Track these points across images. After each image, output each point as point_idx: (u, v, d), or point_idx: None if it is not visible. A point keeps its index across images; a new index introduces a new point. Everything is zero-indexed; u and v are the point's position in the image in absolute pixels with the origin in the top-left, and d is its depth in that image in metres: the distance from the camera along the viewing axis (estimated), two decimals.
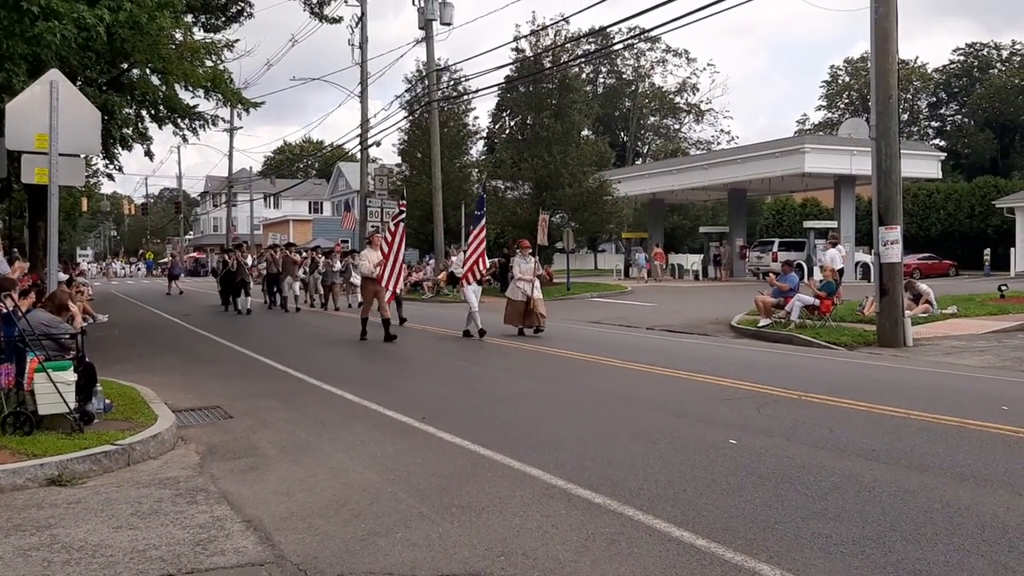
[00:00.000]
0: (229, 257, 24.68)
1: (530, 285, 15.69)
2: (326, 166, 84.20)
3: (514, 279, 15.98)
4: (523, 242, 16.92)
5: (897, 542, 4.38)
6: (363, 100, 34.65)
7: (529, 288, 15.68)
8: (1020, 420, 7.47)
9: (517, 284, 15.84)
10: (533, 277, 15.89)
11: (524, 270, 15.97)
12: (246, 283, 23.46)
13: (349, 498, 5.44)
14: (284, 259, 24.42)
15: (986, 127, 69.24)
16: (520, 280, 15.82)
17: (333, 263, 24.85)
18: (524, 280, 15.77)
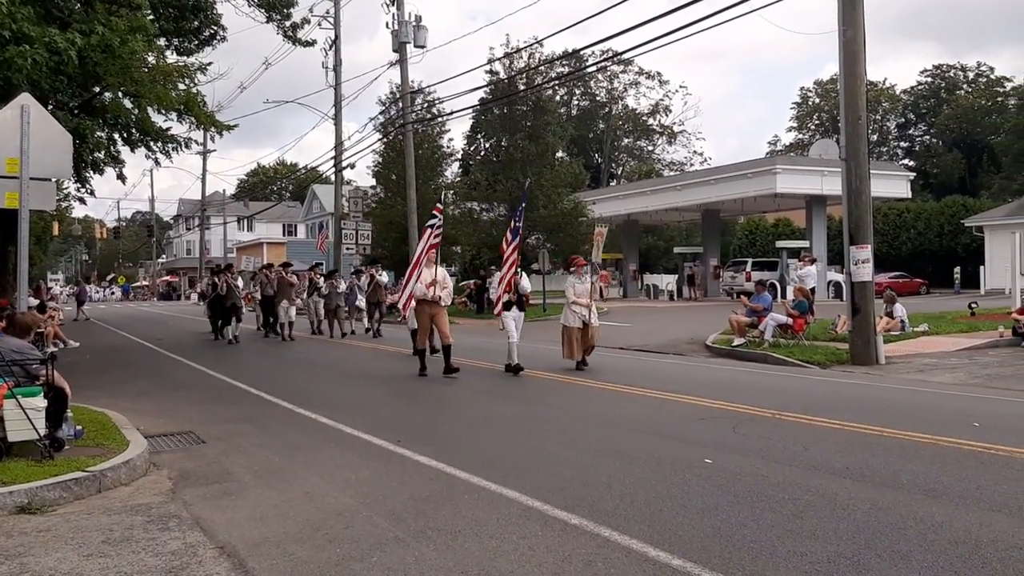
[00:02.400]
0: (218, 279, 22.10)
1: (588, 310, 13.61)
2: (300, 188, 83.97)
3: (568, 303, 13.80)
4: (577, 259, 14.68)
5: (871, 559, 4.41)
6: (337, 122, 34.66)
7: (587, 314, 13.58)
8: (991, 437, 7.56)
9: (572, 309, 13.66)
10: (590, 300, 13.84)
11: (580, 292, 13.76)
12: (237, 308, 21.38)
13: (323, 523, 5.40)
14: (280, 280, 22.00)
15: (954, 147, 70.37)
16: (575, 304, 13.65)
17: (337, 284, 22.90)
18: (580, 304, 13.63)
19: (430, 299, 13.03)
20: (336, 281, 22.88)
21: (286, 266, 22.97)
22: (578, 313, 13.58)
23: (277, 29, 20.39)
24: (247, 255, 72.52)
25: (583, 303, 13.61)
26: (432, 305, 13.05)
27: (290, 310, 21.61)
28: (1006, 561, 4.35)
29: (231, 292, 21.29)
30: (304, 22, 20.76)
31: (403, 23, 30.18)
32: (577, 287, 13.80)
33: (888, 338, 16.26)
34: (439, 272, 13.28)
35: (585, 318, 13.55)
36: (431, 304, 13.07)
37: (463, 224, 35.29)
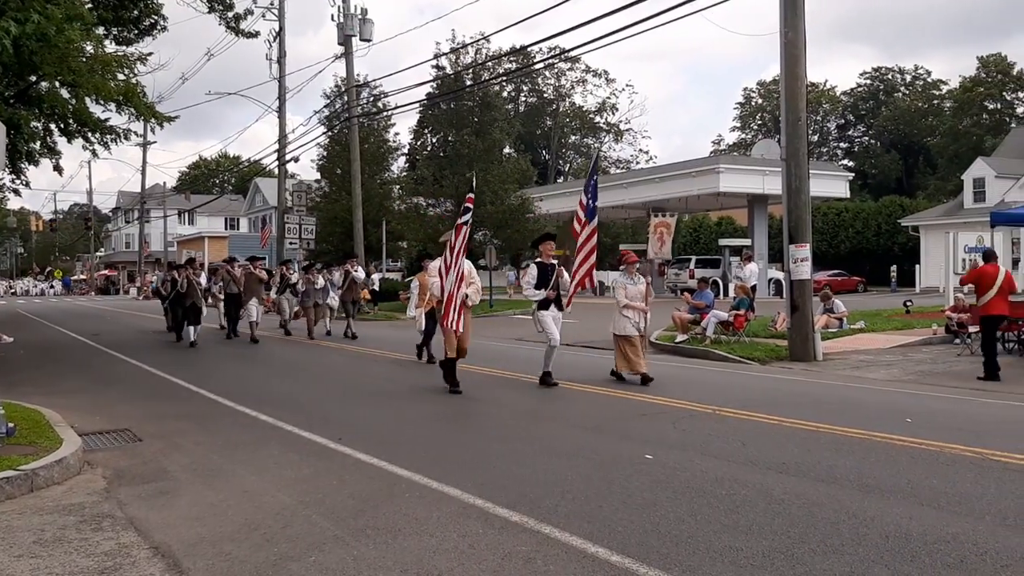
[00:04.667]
0: (178, 274, 19.62)
1: (643, 317, 11.75)
2: (243, 182, 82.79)
3: (618, 308, 11.78)
4: (629, 255, 12.42)
5: (805, 554, 4.49)
6: (281, 115, 34.22)
7: (642, 321, 11.71)
8: (923, 432, 7.76)
9: (624, 314, 11.67)
10: (645, 305, 11.84)
11: (632, 294, 11.74)
12: (198, 308, 18.98)
13: (261, 522, 5.33)
14: (248, 277, 20.03)
15: (892, 148, 72.05)
16: (628, 308, 11.70)
17: (315, 280, 20.58)
18: (634, 308, 11.70)
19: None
20: (314, 277, 20.71)
21: (254, 260, 20.93)
22: (630, 319, 11.63)
23: (219, 20, 20.10)
24: (188, 249, 71.30)
25: (637, 307, 11.68)
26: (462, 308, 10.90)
27: (259, 309, 19.85)
28: (934, 554, 4.47)
29: (192, 289, 18.99)
30: (247, 13, 20.54)
31: (349, 16, 29.94)
32: (629, 289, 11.76)
33: (826, 335, 16.60)
34: (465, 266, 11.02)
35: (640, 326, 11.62)
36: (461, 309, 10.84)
37: (410, 220, 35.14)
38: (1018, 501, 5.45)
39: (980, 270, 12.66)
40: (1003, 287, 12.20)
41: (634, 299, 11.68)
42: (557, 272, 11.34)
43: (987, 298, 12.22)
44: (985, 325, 12.50)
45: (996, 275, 12.25)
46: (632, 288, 11.74)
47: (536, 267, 11.32)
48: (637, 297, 11.71)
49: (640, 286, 11.80)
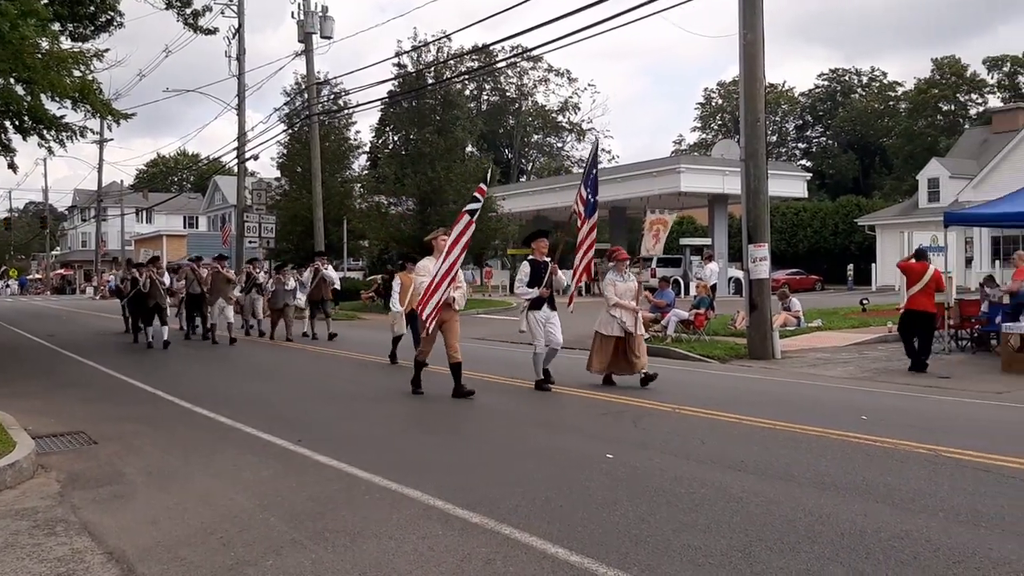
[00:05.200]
0: (140, 273, 18.46)
1: (632, 316, 11.07)
2: (202, 180, 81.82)
3: (607, 306, 11.16)
4: (620, 252, 11.76)
5: (762, 552, 4.54)
6: (240, 113, 33.85)
7: (631, 320, 11.01)
8: (878, 430, 7.88)
9: (612, 313, 11.06)
10: (635, 304, 11.28)
11: (622, 291, 11.14)
12: (161, 308, 18.00)
13: (218, 526, 5.26)
14: (215, 276, 19.05)
15: (849, 149, 73.14)
16: (616, 307, 11.07)
17: (285, 280, 19.78)
18: (623, 307, 11.07)
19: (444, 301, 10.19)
20: (284, 277, 19.91)
21: (221, 260, 20.00)
22: (618, 318, 10.99)
23: (177, 16, 19.79)
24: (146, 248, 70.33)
25: (627, 305, 11.07)
26: (445, 309, 10.22)
27: (227, 310, 18.92)
28: (888, 551, 4.53)
29: (155, 289, 17.93)
30: (206, 9, 20.24)
31: (309, 13, 29.68)
32: (619, 286, 11.14)
33: (784, 333, 16.80)
34: None
35: (627, 326, 10.98)
36: (442, 308, 10.18)
37: (371, 218, 34.94)
38: (970, 498, 5.55)
39: (909, 265, 13.33)
40: (929, 284, 12.79)
41: (624, 297, 11.11)
42: (551, 270, 10.87)
43: (912, 292, 12.88)
44: (904, 318, 13.17)
45: (923, 272, 12.88)
46: (622, 285, 11.19)
47: (529, 265, 10.90)
48: (627, 295, 11.16)
49: (631, 284, 11.28)
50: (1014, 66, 67.96)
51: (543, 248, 11.10)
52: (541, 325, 10.78)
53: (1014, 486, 5.83)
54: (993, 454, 6.74)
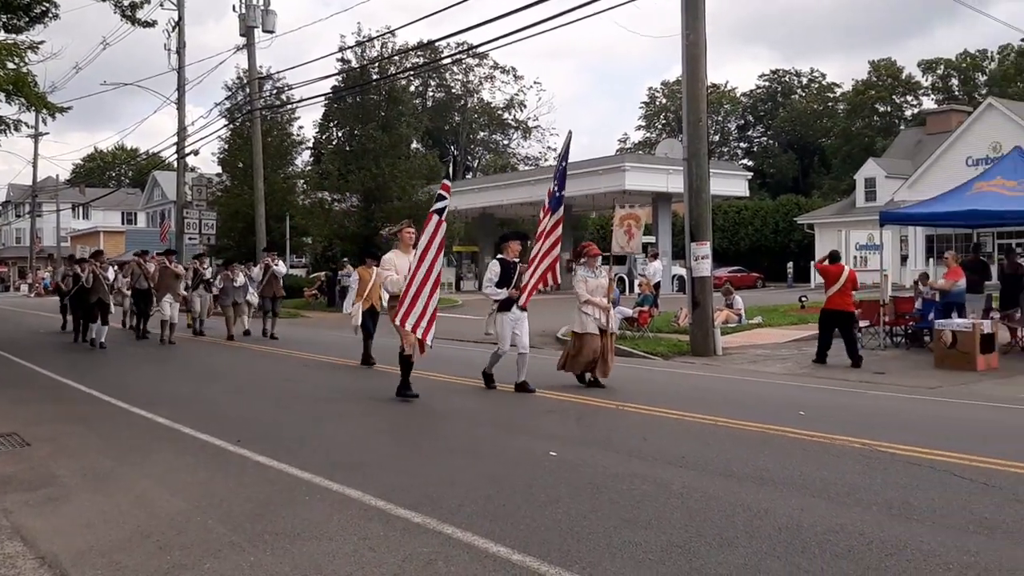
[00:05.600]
0: (83, 269, 17.56)
1: (605, 314, 10.83)
2: (141, 175, 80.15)
3: (579, 304, 10.81)
4: (591, 248, 11.43)
5: (701, 548, 4.58)
6: (180, 107, 33.21)
7: (604, 317, 10.78)
8: (815, 425, 8.02)
9: (585, 310, 10.73)
10: (607, 302, 10.94)
11: (593, 288, 10.84)
12: (105, 305, 17.27)
13: (155, 529, 5.15)
14: (162, 271, 18.27)
15: (789, 148, 74.45)
16: (589, 304, 10.74)
17: (235, 276, 19.11)
18: (594, 304, 10.74)
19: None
20: (233, 273, 19.21)
21: (169, 254, 19.19)
22: (594, 317, 10.70)
23: (114, 8, 19.36)
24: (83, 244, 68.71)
25: (599, 303, 10.76)
26: None
27: (174, 307, 18.14)
28: (824, 545, 4.61)
29: (98, 285, 17.18)
30: (144, 2, 19.75)
31: (251, 7, 29.27)
32: (590, 282, 10.85)
33: (725, 330, 17.04)
34: None
35: (602, 323, 10.73)
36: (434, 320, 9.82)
37: (314, 215, 34.58)
38: (902, 491, 5.68)
39: (825, 267, 13.99)
40: (846, 285, 13.45)
41: (595, 294, 10.78)
42: (520, 271, 10.63)
43: (831, 292, 13.53)
44: (824, 317, 13.77)
45: (839, 274, 13.56)
46: (593, 282, 10.86)
47: (499, 264, 10.53)
48: (599, 292, 10.83)
49: (602, 280, 10.97)
50: (947, 69, 69.93)
51: (516, 249, 10.73)
52: (509, 327, 10.39)
53: (944, 480, 5.98)
54: (925, 448, 6.91)
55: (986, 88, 63.56)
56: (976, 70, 68.94)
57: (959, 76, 69.89)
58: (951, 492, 5.65)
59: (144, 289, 18.96)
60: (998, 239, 35.90)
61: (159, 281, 18.35)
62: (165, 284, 18.18)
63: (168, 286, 18.14)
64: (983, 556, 4.40)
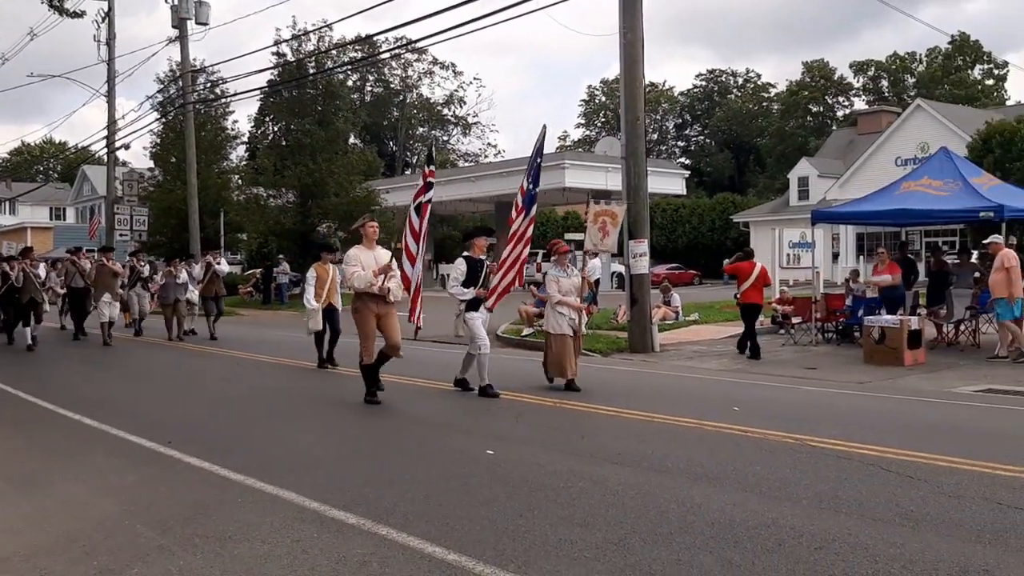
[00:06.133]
0: (12, 267, 16.49)
1: (579, 314, 10.55)
2: (70, 169, 77.94)
3: (551, 304, 10.55)
4: (560, 245, 11.01)
5: (636, 544, 4.62)
6: (110, 100, 32.41)
7: (578, 318, 10.52)
8: (748, 420, 8.15)
9: (559, 311, 10.41)
10: (579, 302, 10.61)
11: (566, 288, 10.46)
12: (38, 304, 16.56)
13: (81, 533, 5.01)
14: (99, 269, 17.55)
15: (725, 147, 75.66)
16: (561, 304, 10.40)
17: (177, 273, 18.07)
18: (567, 304, 10.39)
19: (377, 292, 9.39)
20: (176, 270, 18.22)
21: (107, 251, 18.51)
22: (567, 316, 10.37)
23: None
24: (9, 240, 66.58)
25: (571, 303, 10.42)
26: (379, 302, 9.45)
27: (113, 306, 17.41)
28: (755, 539, 4.68)
29: (29, 283, 16.34)
30: None
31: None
32: (563, 282, 10.47)
33: (663, 327, 17.22)
34: (385, 256, 9.78)
35: (575, 324, 10.44)
36: (377, 300, 9.44)
37: (249, 211, 34.02)
38: (832, 485, 5.80)
39: (738, 266, 14.79)
40: (758, 280, 14.30)
41: (568, 294, 10.43)
42: (489, 269, 10.30)
43: (744, 288, 14.27)
44: (743, 311, 14.47)
45: (751, 271, 14.37)
46: (566, 281, 10.49)
47: (465, 262, 10.12)
48: (571, 291, 10.48)
49: (575, 279, 10.62)
50: (878, 70, 71.75)
51: (482, 246, 10.32)
52: (481, 324, 9.98)
53: (873, 473, 6.12)
54: (854, 442, 7.06)
55: (915, 90, 65.41)
56: (905, 72, 70.89)
57: (889, 78, 71.81)
58: (878, 485, 5.78)
59: (80, 288, 18.19)
60: (925, 237, 36.97)
61: (96, 279, 17.63)
62: (103, 283, 17.43)
63: (106, 285, 17.39)
64: (908, 548, 4.51)
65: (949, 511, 5.19)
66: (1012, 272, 12.85)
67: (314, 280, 12.86)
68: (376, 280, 9.30)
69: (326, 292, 12.79)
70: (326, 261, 13.07)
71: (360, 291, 9.41)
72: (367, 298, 9.40)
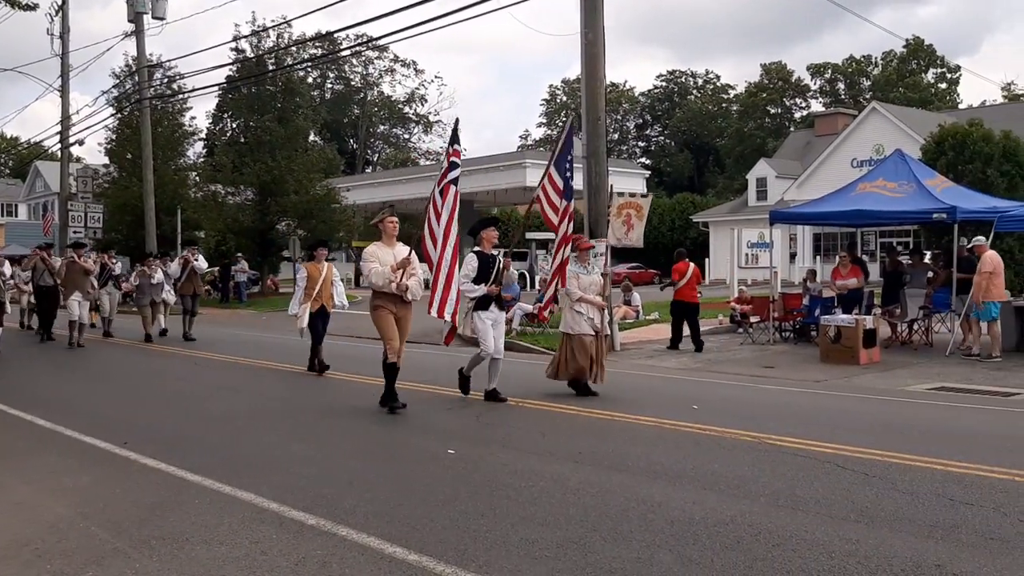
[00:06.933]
0: None
1: (600, 313, 9.90)
2: (22, 165, 76.43)
3: (570, 303, 9.81)
4: (582, 240, 10.50)
5: (596, 542, 4.64)
6: (64, 95, 31.84)
7: (598, 318, 9.85)
8: (707, 419, 8.23)
9: (577, 309, 9.75)
10: (602, 300, 10.01)
11: (586, 285, 9.82)
12: (2, 303, 15.95)
13: (33, 536, 4.91)
14: (69, 266, 16.65)
15: (685, 148, 76.24)
16: (582, 302, 9.75)
17: (152, 272, 17.45)
18: (588, 302, 9.76)
19: (396, 291, 8.83)
20: (151, 268, 17.54)
21: (78, 248, 17.58)
22: (585, 315, 9.74)
23: None
24: None
25: (593, 300, 9.80)
26: (397, 302, 8.93)
27: (83, 305, 16.47)
28: (714, 536, 4.73)
29: None
30: None
31: None
32: (582, 279, 9.84)
33: (624, 326, 17.32)
34: (400, 250, 9.18)
35: (596, 323, 9.80)
36: (395, 300, 8.91)
37: (207, 208, 33.60)
38: (789, 482, 5.87)
39: (676, 267, 15.71)
40: (691, 279, 15.39)
41: (588, 291, 9.82)
42: (502, 264, 9.61)
43: (679, 286, 15.37)
44: (674, 308, 15.57)
45: (686, 270, 15.43)
46: (586, 278, 9.87)
47: (476, 258, 9.45)
48: (591, 289, 9.86)
49: (595, 276, 9.99)
50: (835, 73, 72.76)
51: (491, 238, 9.71)
52: (489, 325, 9.37)
53: (828, 471, 6.20)
54: (811, 440, 7.16)
55: (870, 92, 66.43)
56: (861, 75, 71.99)
57: (845, 80, 72.87)
58: (834, 483, 5.87)
59: (49, 286, 17.27)
60: (880, 238, 37.57)
61: (66, 277, 16.62)
62: (73, 281, 16.44)
63: (77, 283, 16.42)
64: (863, 544, 4.58)
65: (903, 507, 5.28)
66: (996, 275, 13.06)
67: (304, 280, 12.18)
68: (395, 277, 8.75)
69: (316, 292, 12.02)
70: (319, 258, 12.36)
71: (378, 289, 8.89)
72: (385, 298, 8.89)
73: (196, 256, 18.11)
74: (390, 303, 8.88)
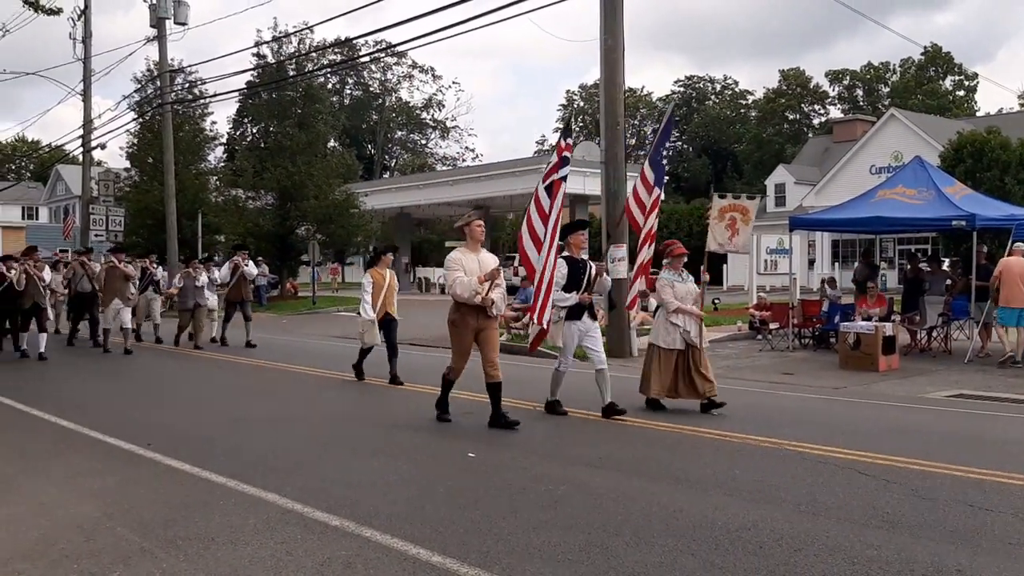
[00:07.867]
0: (8, 268, 14.63)
1: (697, 324, 9.29)
2: (43, 168, 77.11)
3: (663, 311, 9.29)
4: (676, 246, 9.75)
5: (619, 547, 4.66)
6: (86, 99, 32.14)
7: (695, 329, 9.23)
8: (727, 424, 8.25)
9: (673, 321, 9.16)
10: (699, 310, 9.45)
11: (682, 294, 9.28)
12: (41, 309, 15.07)
13: (60, 536, 4.98)
14: (109, 271, 15.87)
15: (703, 153, 76.03)
16: (678, 312, 9.17)
17: (197, 275, 16.59)
18: (685, 312, 9.19)
19: (479, 303, 8.10)
20: (196, 272, 16.71)
21: (118, 251, 16.93)
22: (681, 327, 9.12)
23: None
24: None
25: (690, 311, 9.20)
26: (479, 315, 8.20)
27: (124, 313, 15.72)
28: (736, 541, 4.74)
29: (33, 287, 14.71)
30: None
31: None
32: (678, 287, 9.27)
33: (642, 331, 17.27)
34: (490, 259, 8.48)
35: (691, 336, 9.16)
36: (478, 313, 8.19)
37: (228, 212, 33.84)
38: (810, 488, 5.87)
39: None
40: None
41: (684, 300, 9.24)
42: (595, 271, 9.08)
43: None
44: None
45: None
46: (681, 287, 9.31)
47: (565, 264, 8.86)
48: (688, 298, 9.29)
49: (690, 284, 9.42)
50: (853, 80, 72.45)
51: (579, 243, 9.20)
52: (575, 338, 8.93)
53: (849, 477, 6.20)
54: (830, 446, 7.16)
55: (888, 99, 66.11)
56: (879, 81, 71.65)
57: (863, 87, 72.54)
58: (855, 488, 5.87)
59: (87, 292, 16.64)
60: (898, 245, 37.37)
61: (106, 284, 15.83)
62: (113, 287, 15.70)
63: (117, 289, 15.69)
64: (885, 549, 4.59)
65: (923, 513, 5.28)
66: (1004, 282, 12.95)
67: (370, 287, 11.49)
68: (481, 289, 8.04)
69: (382, 300, 11.42)
70: (384, 265, 11.76)
71: (462, 301, 8.14)
72: (466, 309, 8.15)
73: (246, 261, 17.32)
74: (471, 317, 8.17)
